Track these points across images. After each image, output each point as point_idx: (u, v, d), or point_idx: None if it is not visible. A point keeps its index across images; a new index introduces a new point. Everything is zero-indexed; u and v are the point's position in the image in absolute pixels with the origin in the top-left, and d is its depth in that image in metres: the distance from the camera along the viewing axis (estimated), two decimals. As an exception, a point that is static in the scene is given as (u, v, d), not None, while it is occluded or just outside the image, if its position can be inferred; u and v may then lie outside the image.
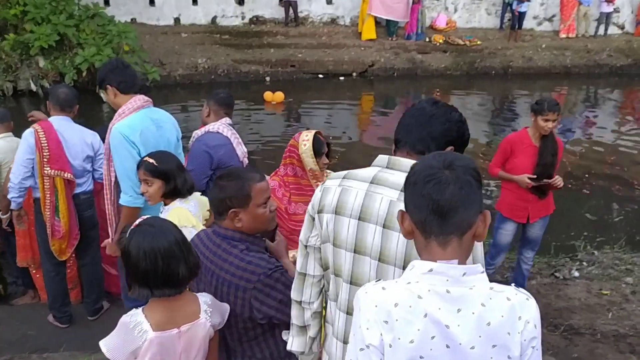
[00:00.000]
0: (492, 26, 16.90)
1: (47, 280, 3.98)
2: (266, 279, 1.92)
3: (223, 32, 15.16)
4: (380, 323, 1.27)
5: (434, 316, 1.25)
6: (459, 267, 1.28)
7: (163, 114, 3.26)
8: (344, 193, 1.69)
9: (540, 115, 3.85)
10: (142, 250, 1.79)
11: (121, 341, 1.82)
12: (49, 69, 11.56)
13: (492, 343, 1.26)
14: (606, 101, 13.46)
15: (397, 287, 1.30)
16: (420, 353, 1.25)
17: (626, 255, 5.32)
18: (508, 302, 1.27)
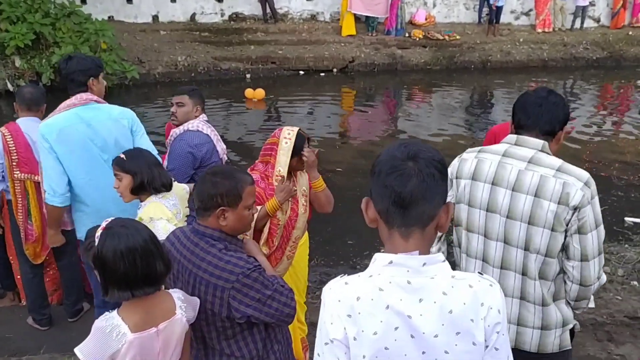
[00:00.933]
0: (471, 21, 17.03)
1: (25, 282, 3.94)
2: (244, 278, 1.91)
3: (202, 30, 15.06)
4: (343, 317, 1.29)
5: (395, 307, 1.27)
6: (418, 258, 1.29)
7: (101, 113, 3.13)
8: (480, 163, 2.16)
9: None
10: (119, 252, 1.77)
11: (98, 346, 1.79)
12: (25, 68, 11.38)
13: (456, 330, 1.27)
14: (583, 94, 13.65)
15: (359, 280, 1.33)
16: (385, 344, 1.27)
17: (604, 245, 5.41)
18: (470, 290, 1.29)
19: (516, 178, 2.08)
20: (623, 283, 4.71)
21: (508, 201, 2.08)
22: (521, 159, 2.11)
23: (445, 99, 12.76)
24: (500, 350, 1.31)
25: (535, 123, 2.15)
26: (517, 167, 2.09)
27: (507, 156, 2.13)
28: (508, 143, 2.17)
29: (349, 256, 5.59)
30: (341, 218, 6.30)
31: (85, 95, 3.09)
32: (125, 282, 1.79)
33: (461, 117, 11.24)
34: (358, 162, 8.28)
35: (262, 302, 1.94)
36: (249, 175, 2.11)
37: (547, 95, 2.18)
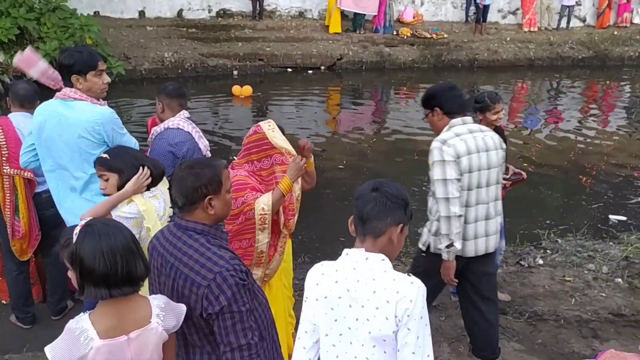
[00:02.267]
0: (458, 19, 17.09)
1: (10, 279, 3.88)
2: (220, 279, 1.88)
3: (189, 26, 14.95)
4: (313, 285, 1.96)
5: (341, 283, 1.89)
6: (363, 253, 1.88)
7: (72, 112, 3.05)
8: (467, 142, 2.94)
9: (488, 112, 3.88)
10: (99, 251, 1.73)
11: (66, 348, 1.74)
12: (9, 63, 11.20)
13: (376, 306, 1.82)
14: (568, 92, 13.77)
15: (328, 263, 1.98)
16: (332, 306, 1.90)
17: (588, 243, 5.46)
18: (393, 281, 1.83)
19: (485, 142, 2.99)
20: (607, 280, 4.76)
21: (491, 158, 3.01)
22: (477, 130, 3.04)
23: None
24: (412, 331, 1.81)
25: (461, 106, 3.06)
26: (482, 134, 3.02)
27: (472, 132, 3.00)
28: (461, 124, 3.02)
29: (335, 253, 5.57)
30: (327, 216, 6.30)
31: (68, 90, 3.04)
32: (104, 281, 1.75)
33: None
34: (345, 159, 8.28)
35: (226, 312, 1.88)
36: (221, 160, 2.13)
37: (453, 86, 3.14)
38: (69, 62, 3.02)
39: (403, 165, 8.19)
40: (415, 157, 8.50)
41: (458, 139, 2.93)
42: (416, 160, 8.38)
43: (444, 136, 2.98)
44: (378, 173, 7.85)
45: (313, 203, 6.44)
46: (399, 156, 8.57)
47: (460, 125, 2.99)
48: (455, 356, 3.78)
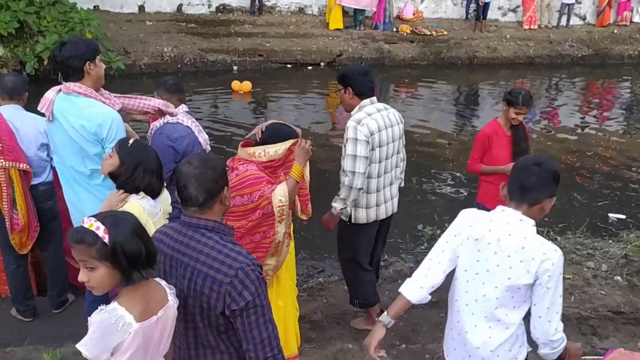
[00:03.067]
0: (458, 17, 17.08)
1: (9, 273, 3.88)
2: (242, 274, 1.87)
3: (189, 21, 14.92)
4: (466, 226, 2.28)
5: (494, 232, 2.20)
6: (519, 215, 2.18)
7: (71, 107, 3.04)
8: (377, 120, 3.39)
9: (513, 107, 3.90)
10: (133, 232, 1.77)
11: (103, 338, 1.75)
12: (8, 57, 11.18)
13: (521, 259, 2.13)
14: (568, 91, 13.77)
15: (483, 213, 2.31)
16: (479, 248, 2.22)
17: (587, 241, 5.47)
18: (541, 244, 2.14)
19: (389, 119, 3.49)
20: (607, 278, 4.77)
21: (395, 132, 3.54)
22: (383, 108, 3.52)
23: (431, 94, 12.81)
24: (550, 290, 2.14)
25: (370, 90, 3.49)
26: (387, 112, 3.50)
27: (379, 110, 3.45)
28: (370, 104, 3.45)
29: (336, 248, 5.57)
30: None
31: (73, 85, 3.02)
32: (147, 261, 1.79)
33: (448, 114, 11.29)
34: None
35: (251, 307, 1.88)
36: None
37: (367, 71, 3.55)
38: (79, 50, 2.98)
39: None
40: (413, 153, 8.51)
41: (369, 118, 3.36)
42: (414, 156, 8.38)
43: (358, 116, 3.38)
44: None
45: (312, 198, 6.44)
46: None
47: (369, 105, 3.42)
48: (455, 352, 3.78)
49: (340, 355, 3.70)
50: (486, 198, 4.14)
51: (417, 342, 3.88)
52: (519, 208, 2.17)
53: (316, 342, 3.81)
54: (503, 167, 3.96)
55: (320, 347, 3.76)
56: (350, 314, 4.18)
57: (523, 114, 3.93)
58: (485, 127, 4.16)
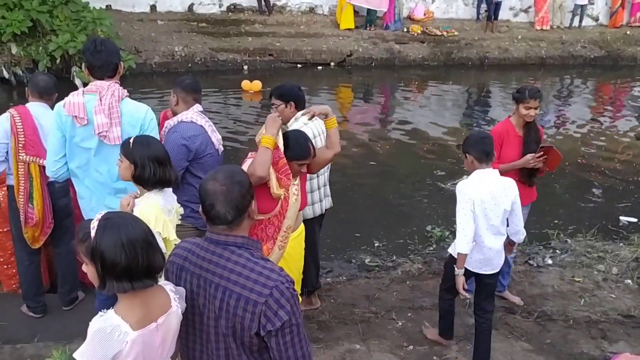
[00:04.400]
0: (469, 17, 17.00)
1: (21, 269, 3.92)
2: (277, 293, 1.80)
3: (200, 20, 14.96)
4: (473, 191, 3.31)
5: (488, 187, 3.32)
6: (495, 172, 3.39)
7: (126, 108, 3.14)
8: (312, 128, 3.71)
9: (522, 103, 3.87)
10: (120, 243, 1.70)
11: (100, 348, 1.72)
12: (21, 55, 11.28)
13: (505, 195, 3.38)
14: (580, 92, 13.68)
15: (477, 179, 3.36)
16: (484, 199, 3.31)
17: (598, 244, 5.44)
18: (514, 185, 3.46)
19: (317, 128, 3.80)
20: (617, 281, 4.74)
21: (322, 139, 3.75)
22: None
23: (442, 94, 12.77)
24: (518, 205, 3.45)
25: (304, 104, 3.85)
26: (315, 123, 3.78)
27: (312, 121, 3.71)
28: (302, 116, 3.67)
29: (344, 250, 5.59)
30: (336, 211, 6.30)
31: (121, 89, 3.10)
32: (126, 274, 1.72)
33: (456, 112, 11.27)
34: (354, 156, 8.27)
35: (288, 326, 1.81)
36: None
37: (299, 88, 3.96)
38: (114, 49, 3.06)
39: (411, 162, 8.18)
40: (423, 154, 8.49)
41: (306, 127, 3.60)
42: (424, 157, 8.36)
43: (297, 127, 3.59)
44: (386, 169, 7.84)
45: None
46: (407, 153, 8.56)
47: (302, 116, 3.62)
48: (463, 355, 3.78)
49: (347, 356, 3.70)
50: None
51: (425, 344, 3.87)
52: (488, 166, 3.33)
53: (324, 343, 3.82)
54: (520, 161, 3.93)
55: (328, 348, 3.77)
56: (359, 315, 4.18)
57: (534, 109, 3.87)
58: (497, 126, 4.11)
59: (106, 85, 3.03)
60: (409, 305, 4.31)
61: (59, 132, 3.08)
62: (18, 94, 10.86)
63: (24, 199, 3.64)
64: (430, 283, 4.67)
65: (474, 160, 3.35)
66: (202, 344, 1.95)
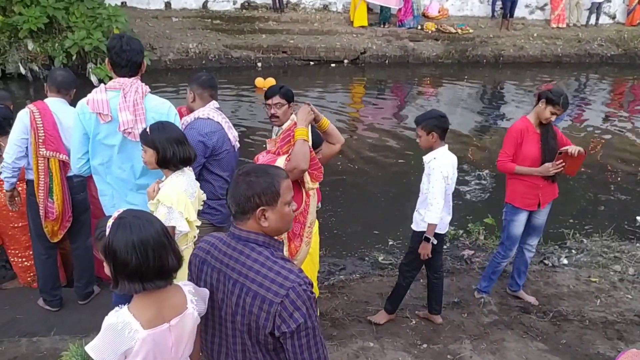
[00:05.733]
0: (484, 14, 16.89)
1: (38, 263, 3.96)
2: (294, 294, 1.78)
3: (214, 17, 15.01)
4: (446, 167, 3.66)
5: (451, 162, 3.74)
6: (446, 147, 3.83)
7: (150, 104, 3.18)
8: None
9: (551, 106, 3.83)
10: (131, 243, 1.71)
11: (110, 344, 1.74)
12: (38, 52, 11.39)
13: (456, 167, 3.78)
14: (596, 90, 13.52)
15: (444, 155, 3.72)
16: (449, 175, 3.70)
17: (614, 244, 5.38)
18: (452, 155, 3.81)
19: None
20: (634, 282, 4.69)
21: None
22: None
23: (456, 92, 12.69)
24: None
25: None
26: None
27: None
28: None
29: (358, 247, 5.59)
30: (350, 209, 6.30)
31: (144, 85, 3.11)
32: (137, 275, 1.74)
33: (470, 111, 11.18)
34: (367, 154, 8.25)
35: (302, 329, 1.79)
36: (283, 170, 1.98)
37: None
38: (140, 47, 3.08)
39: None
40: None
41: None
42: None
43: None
44: (400, 167, 7.81)
45: (331, 195, 6.45)
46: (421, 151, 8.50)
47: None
48: (477, 354, 3.76)
49: (361, 353, 3.70)
50: (514, 196, 4.08)
51: (439, 343, 3.86)
52: (445, 144, 3.67)
53: (337, 340, 3.81)
54: (539, 169, 3.91)
55: (342, 345, 3.76)
56: (372, 312, 4.18)
57: (557, 115, 3.88)
58: (517, 123, 4.05)
59: (129, 83, 3.04)
60: (423, 304, 4.30)
61: (81, 130, 3.09)
62: (34, 90, 10.97)
63: (44, 193, 3.68)
64: (444, 281, 4.63)
65: (437, 138, 3.65)
66: (220, 337, 1.96)
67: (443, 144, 3.69)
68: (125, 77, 3.06)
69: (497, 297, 4.41)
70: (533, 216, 4.16)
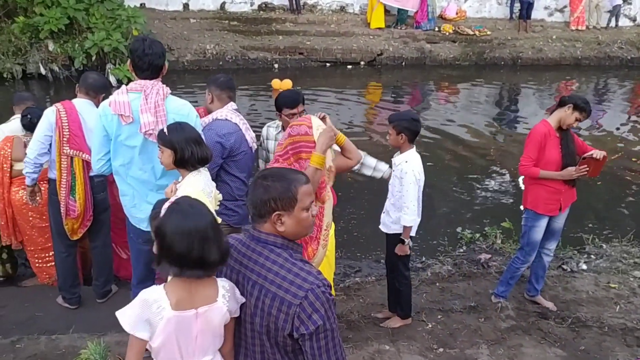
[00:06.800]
0: (502, 16, 16.77)
1: (58, 261, 4.01)
2: (312, 296, 1.78)
3: (232, 18, 15.10)
4: (418, 175, 3.66)
5: (420, 164, 3.70)
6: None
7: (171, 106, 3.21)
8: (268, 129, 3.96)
9: (577, 112, 3.80)
10: (180, 231, 1.80)
11: (139, 314, 1.83)
12: (58, 52, 11.56)
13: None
14: (616, 93, 13.35)
15: (416, 157, 3.71)
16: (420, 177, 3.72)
17: (634, 249, 5.31)
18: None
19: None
20: (655, 288, 4.61)
21: None
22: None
23: (473, 95, 12.62)
24: None
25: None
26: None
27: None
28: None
29: (374, 249, 5.57)
30: (365, 211, 6.28)
31: (165, 87, 3.15)
32: (178, 261, 1.82)
33: (488, 113, 11.10)
34: (382, 156, 8.22)
35: (321, 331, 1.79)
36: (303, 175, 1.95)
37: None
38: (161, 49, 3.10)
39: (442, 163, 8.09)
40: (454, 155, 8.40)
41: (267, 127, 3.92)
42: (454, 158, 8.27)
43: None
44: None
45: (345, 198, 6.43)
46: (437, 154, 8.47)
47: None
48: (495, 359, 3.72)
49: (377, 356, 3.68)
50: (537, 203, 4.01)
51: (455, 347, 3.83)
52: (413, 146, 3.69)
53: (352, 342, 3.80)
54: (561, 173, 3.87)
55: (357, 348, 3.75)
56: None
57: (580, 121, 3.88)
58: (539, 127, 3.98)
59: (150, 84, 3.07)
60: (439, 307, 4.27)
61: (102, 131, 3.12)
62: (55, 91, 11.12)
63: (65, 191, 3.73)
64: (461, 285, 4.62)
65: (406, 140, 3.67)
66: (239, 338, 1.98)
67: (412, 146, 3.70)
68: (146, 79, 3.08)
69: (515, 302, 4.36)
70: (552, 220, 4.11)
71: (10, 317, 3.98)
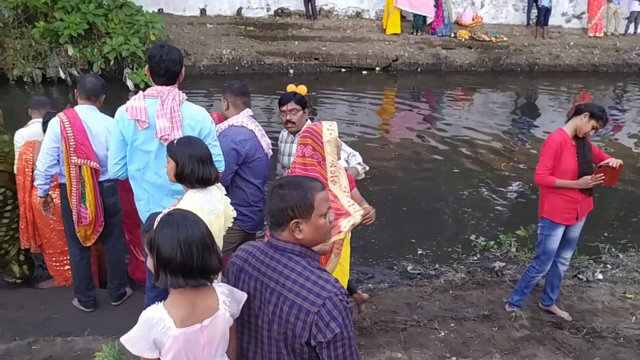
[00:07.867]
0: (519, 22, 16.68)
1: (73, 264, 4.06)
2: (330, 304, 1.79)
3: (248, 24, 15.20)
4: None
5: None
6: None
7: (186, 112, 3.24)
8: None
9: (594, 121, 3.77)
10: (176, 241, 1.79)
11: (144, 337, 1.82)
12: (77, 57, 11.72)
13: None
14: (634, 100, 13.20)
15: None
16: None
17: (649, 259, 5.24)
18: None
19: None
20: (672, 299, 4.55)
21: None
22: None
23: (489, 101, 12.55)
24: None
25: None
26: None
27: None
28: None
29: (387, 256, 5.56)
30: (381, 219, 6.28)
31: (181, 93, 3.18)
32: (181, 271, 1.81)
33: (503, 120, 11.03)
34: (397, 162, 8.22)
35: (339, 339, 1.80)
36: (319, 182, 1.97)
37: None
38: (178, 56, 3.13)
39: (457, 170, 8.06)
40: (469, 162, 8.36)
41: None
42: (469, 165, 8.23)
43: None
44: (430, 176, 7.76)
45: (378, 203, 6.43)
46: (452, 161, 8.44)
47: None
48: (508, 368, 3.70)
49: (389, 364, 3.68)
50: (554, 212, 3.97)
51: (468, 356, 3.81)
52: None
53: (365, 349, 3.80)
54: (578, 181, 3.83)
55: (369, 355, 3.75)
56: (400, 323, 4.15)
57: (596, 130, 3.84)
58: (555, 135, 3.95)
59: (167, 90, 3.11)
60: (452, 316, 4.25)
61: (119, 136, 3.16)
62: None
63: (76, 199, 3.77)
64: (475, 294, 4.60)
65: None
66: (256, 344, 1.99)
67: None
68: (163, 85, 3.12)
69: (529, 312, 4.33)
70: (569, 229, 4.08)
71: (27, 318, 4.03)
